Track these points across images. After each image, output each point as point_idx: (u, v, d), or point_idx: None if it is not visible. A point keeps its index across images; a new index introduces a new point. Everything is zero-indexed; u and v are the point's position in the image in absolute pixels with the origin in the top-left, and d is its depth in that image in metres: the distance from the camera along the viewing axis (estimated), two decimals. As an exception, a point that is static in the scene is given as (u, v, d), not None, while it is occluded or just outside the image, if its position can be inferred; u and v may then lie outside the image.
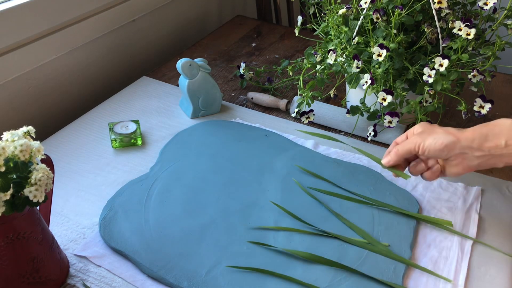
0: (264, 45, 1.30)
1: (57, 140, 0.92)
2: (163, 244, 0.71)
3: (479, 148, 0.64)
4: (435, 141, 0.66)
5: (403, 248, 0.71)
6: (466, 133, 0.65)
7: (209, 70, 0.97)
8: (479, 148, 0.64)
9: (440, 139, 0.65)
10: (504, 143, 0.63)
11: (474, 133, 0.65)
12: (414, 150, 0.68)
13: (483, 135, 0.64)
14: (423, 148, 0.67)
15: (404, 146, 0.69)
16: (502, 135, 0.63)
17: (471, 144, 0.64)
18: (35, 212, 0.61)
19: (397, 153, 0.70)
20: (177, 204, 0.78)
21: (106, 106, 1.03)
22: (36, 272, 0.62)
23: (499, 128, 0.64)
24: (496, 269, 0.69)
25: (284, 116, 1.01)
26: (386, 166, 0.72)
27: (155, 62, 1.31)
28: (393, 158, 0.70)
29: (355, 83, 0.85)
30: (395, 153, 0.70)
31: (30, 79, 0.98)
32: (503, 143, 0.63)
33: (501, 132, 0.63)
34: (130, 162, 0.88)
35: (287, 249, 0.70)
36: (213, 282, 0.66)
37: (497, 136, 0.63)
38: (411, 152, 0.68)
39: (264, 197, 0.79)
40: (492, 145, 0.64)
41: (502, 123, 0.64)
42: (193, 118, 1.00)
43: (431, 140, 0.66)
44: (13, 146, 0.55)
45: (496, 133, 0.64)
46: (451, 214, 0.77)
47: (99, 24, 1.08)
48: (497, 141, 0.63)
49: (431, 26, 0.82)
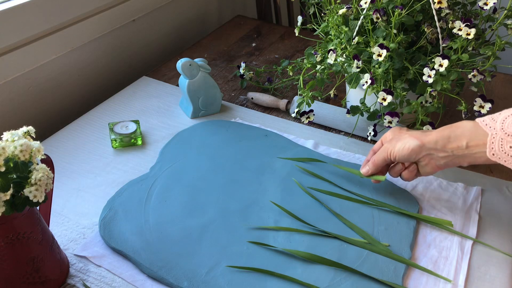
0: (264, 45, 1.30)
1: (57, 140, 0.92)
2: (163, 244, 0.71)
3: (443, 149, 0.68)
4: (402, 146, 0.70)
5: (403, 248, 0.71)
6: (430, 136, 0.69)
7: (209, 70, 0.97)
8: (443, 149, 0.68)
9: (406, 143, 0.70)
10: (465, 145, 0.66)
11: (437, 135, 0.68)
12: (388, 157, 0.73)
13: (445, 137, 0.68)
14: (394, 154, 0.72)
15: (379, 156, 0.74)
16: (463, 137, 0.66)
17: (435, 146, 0.68)
18: (35, 212, 0.61)
19: (374, 163, 0.75)
20: (177, 204, 0.78)
21: (106, 106, 1.03)
22: (36, 272, 0.62)
23: (461, 130, 0.67)
24: (496, 269, 0.69)
25: (284, 116, 1.01)
26: (365, 175, 0.77)
27: (155, 62, 1.31)
28: (371, 168, 0.76)
29: (355, 83, 0.85)
30: (372, 164, 0.76)
31: (30, 79, 0.98)
32: (464, 144, 0.66)
33: (463, 134, 0.66)
34: (130, 162, 0.88)
35: (287, 249, 0.70)
36: (213, 282, 0.66)
37: (459, 138, 0.66)
38: (386, 160, 0.74)
39: (264, 197, 0.79)
40: (454, 146, 0.67)
41: (464, 125, 0.67)
42: (193, 118, 1.00)
43: (400, 146, 0.71)
44: (13, 146, 0.55)
45: (458, 135, 0.67)
46: (451, 214, 0.77)
47: (99, 24, 1.08)
48: (458, 143, 0.66)
49: (431, 26, 0.82)
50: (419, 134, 0.70)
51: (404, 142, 0.71)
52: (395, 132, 0.74)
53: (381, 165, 0.75)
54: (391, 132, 0.75)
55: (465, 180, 0.84)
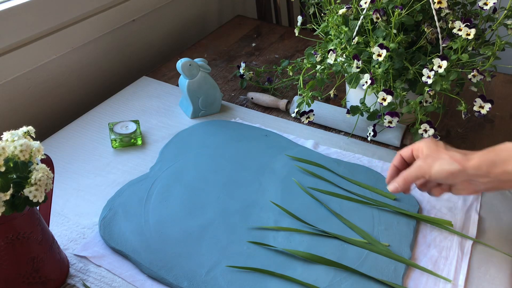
0: (264, 45, 1.30)
1: (57, 140, 0.92)
2: (163, 244, 0.71)
3: (486, 175, 0.63)
4: (440, 169, 0.64)
5: (403, 248, 0.71)
6: (472, 161, 0.63)
7: (209, 70, 0.97)
8: (486, 175, 0.63)
9: (445, 166, 0.64)
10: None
11: (480, 160, 0.63)
12: (422, 177, 0.67)
13: (489, 161, 0.62)
14: (430, 175, 0.66)
15: (411, 174, 0.67)
16: (510, 161, 0.61)
17: (477, 172, 0.63)
18: (35, 212, 0.61)
19: (405, 181, 0.68)
20: (177, 204, 0.78)
21: (106, 106, 1.03)
22: (36, 272, 0.62)
23: (506, 153, 0.62)
24: (496, 269, 0.69)
25: (284, 116, 1.01)
26: (394, 192, 0.70)
27: (155, 62, 1.31)
28: (401, 185, 0.68)
29: (355, 83, 0.85)
30: (403, 181, 0.68)
31: (30, 79, 0.98)
32: (511, 168, 0.61)
33: (509, 158, 0.62)
34: (130, 162, 0.88)
35: (287, 249, 0.70)
36: (213, 282, 0.66)
37: (505, 162, 0.62)
38: (418, 178, 0.68)
39: (264, 197, 0.79)
40: (499, 172, 0.62)
41: (509, 148, 0.63)
42: (193, 118, 1.00)
43: (437, 167, 0.65)
44: (13, 146, 0.55)
45: (504, 159, 0.62)
46: (451, 214, 0.77)
47: (99, 24, 1.08)
48: (505, 167, 0.62)
49: (431, 26, 0.82)
50: (460, 157, 0.64)
51: (442, 163, 0.64)
52: (431, 148, 0.67)
53: (412, 183, 0.68)
54: (426, 146, 0.67)
55: (465, 180, 0.84)
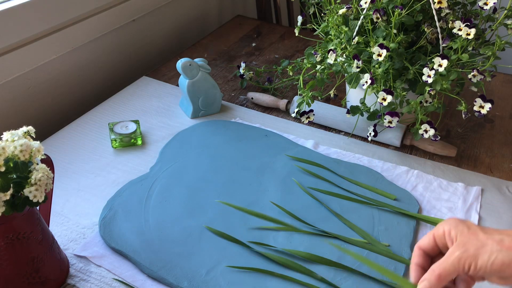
0: (264, 45, 1.30)
1: (57, 140, 0.92)
2: (163, 244, 0.71)
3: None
4: (490, 260, 0.50)
5: (403, 248, 0.71)
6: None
7: (209, 70, 0.97)
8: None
9: (498, 255, 0.50)
10: None
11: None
12: (462, 272, 0.51)
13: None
14: (476, 269, 0.51)
15: (447, 269, 0.52)
16: None
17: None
18: (35, 212, 0.61)
19: (440, 279, 0.52)
20: (177, 204, 0.78)
21: (106, 106, 1.03)
22: (36, 272, 0.62)
23: None
24: (496, 269, 0.68)
25: (284, 116, 1.01)
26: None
27: (155, 62, 1.31)
28: (435, 284, 0.52)
29: (355, 83, 0.85)
30: (437, 279, 0.52)
31: (30, 79, 0.98)
32: None
33: None
34: (130, 162, 0.88)
35: (287, 249, 0.70)
36: (213, 282, 0.66)
37: None
38: (458, 274, 0.52)
39: (264, 197, 0.79)
40: None
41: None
42: (193, 118, 1.00)
43: (485, 258, 0.50)
44: (13, 146, 0.55)
45: None
46: (451, 214, 0.77)
47: (99, 24, 1.08)
48: None
49: (431, 26, 0.82)
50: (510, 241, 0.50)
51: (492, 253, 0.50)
52: (463, 233, 0.52)
53: (449, 280, 0.52)
54: (457, 230, 0.52)
55: (465, 180, 0.84)
